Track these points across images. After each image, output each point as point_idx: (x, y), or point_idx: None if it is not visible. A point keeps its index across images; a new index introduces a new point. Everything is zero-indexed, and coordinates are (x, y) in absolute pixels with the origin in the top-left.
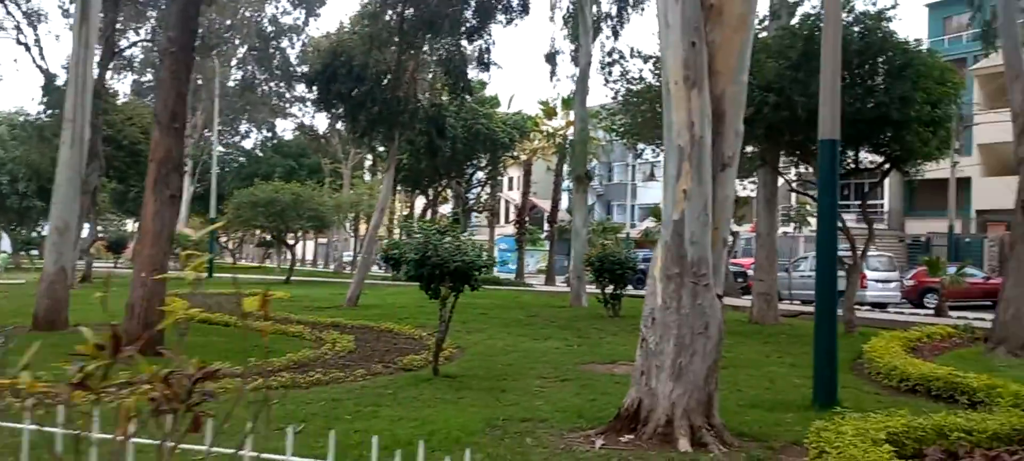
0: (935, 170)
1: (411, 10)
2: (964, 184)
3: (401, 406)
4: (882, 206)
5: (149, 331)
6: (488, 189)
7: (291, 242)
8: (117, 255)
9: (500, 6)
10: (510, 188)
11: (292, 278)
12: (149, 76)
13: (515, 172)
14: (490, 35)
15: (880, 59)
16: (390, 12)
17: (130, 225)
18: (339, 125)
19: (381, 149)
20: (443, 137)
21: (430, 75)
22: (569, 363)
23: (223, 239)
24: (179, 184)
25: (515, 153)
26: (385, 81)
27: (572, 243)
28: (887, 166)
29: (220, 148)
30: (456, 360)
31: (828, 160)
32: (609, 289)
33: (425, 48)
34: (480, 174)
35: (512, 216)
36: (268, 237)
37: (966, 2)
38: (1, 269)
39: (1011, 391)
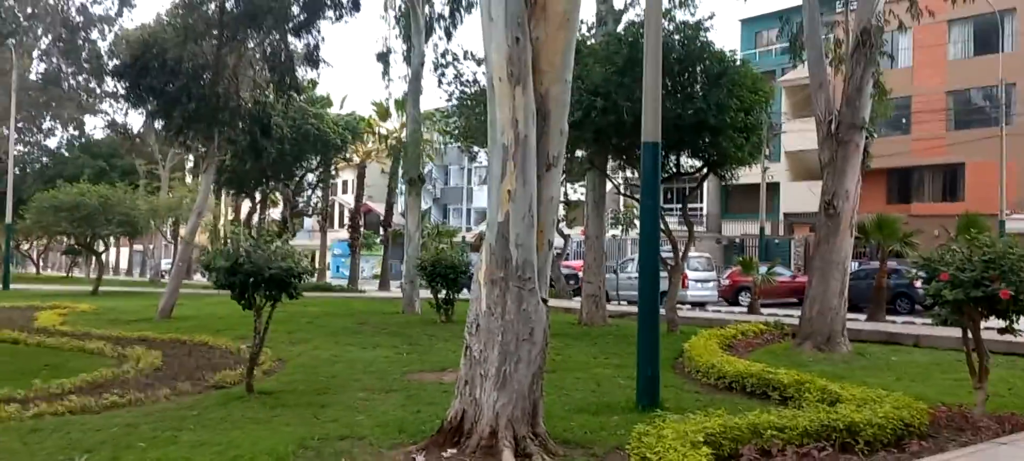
0: (748, 175)
1: (231, 2)
2: (774, 189)
3: (205, 429)
4: (701, 209)
5: None
6: (319, 193)
7: (100, 250)
8: None
9: (329, 2)
10: (344, 191)
11: (101, 288)
12: None
13: (349, 175)
14: (319, 31)
15: (699, 67)
16: (208, 3)
17: None
18: (156, 123)
19: (204, 150)
20: (268, 137)
21: (254, 71)
22: (397, 372)
23: (26, 247)
24: None
25: (348, 155)
26: (204, 77)
27: (405, 247)
28: (705, 170)
29: (20, 147)
30: (275, 374)
31: (650, 162)
32: (442, 294)
33: (249, 43)
34: (311, 177)
35: (347, 220)
36: (76, 244)
37: (776, 17)
38: None
39: (818, 386)
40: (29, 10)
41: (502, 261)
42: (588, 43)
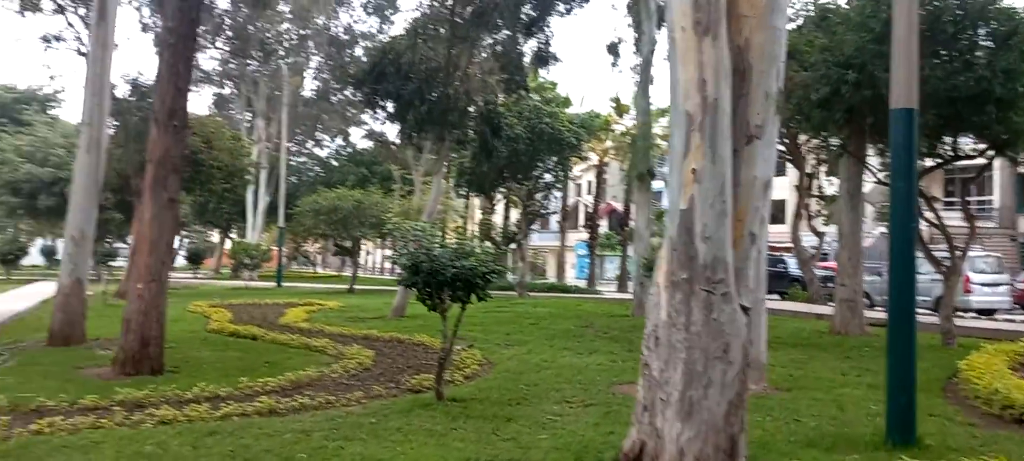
0: None
1: (462, 4)
2: None
3: (376, 440)
4: (992, 201)
5: (146, 348)
6: (557, 192)
7: (356, 250)
8: (196, 266)
9: None
10: (589, 192)
11: (357, 287)
12: (228, 89)
13: (592, 175)
14: (549, 27)
15: (980, 28)
16: (438, 4)
17: (215, 236)
18: (388, 126)
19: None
20: (499, 137)
21: (483, 71)
22: (605, 383)
23: (304, 248)
24: (178, 186)
25: (585, 154)
26: (435, 79)
27: (634, 246)
28: (991, 153)
29: (300, 158)
30: (477, 380)
31: (903, 134)
32: None
33: (479, 43)
34: (548, 177)
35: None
36: (336, 245)
37: None
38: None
39: None
40: (302, 32)
41: (686, 259)
42: (840, 6)
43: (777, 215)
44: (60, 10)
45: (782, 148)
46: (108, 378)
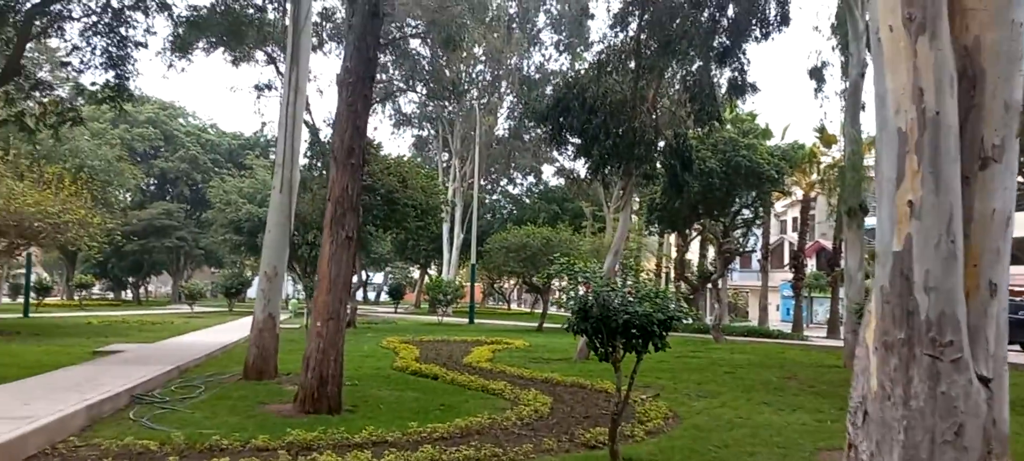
0: None
1: (648, 33)
2: None
3: None
4: None
5: (324, 387)
6: (757, 229)
7: (546, 287)
8: (397, 301)
9: (754, 21)
10: (793, 229)
11: (545, 325)
12: (427, 131)
13: (797, 211)
14: (744, 55)
15: None
16: (623, 35)
17: (415, 272)
18: (578, 163)
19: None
20: (689, 171)
21: (672, 102)
22: (809, 447)
23: (498, 284)
24: (355, 224)
25: (788, 188)
26: (621, 112)
27: (845, 289)
28: None
29: (494, 196)
30: (661, 435)
31: None
32: None
33: (667, 73)
34: (746, 212)
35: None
36: (525, 282)
37: None
38: (292, 314)
39: None
40: (495, 72)
41: (902, 314)
42: None
43: (1019, 255)
44: (271, 61)
45: None
46: (288, 415)
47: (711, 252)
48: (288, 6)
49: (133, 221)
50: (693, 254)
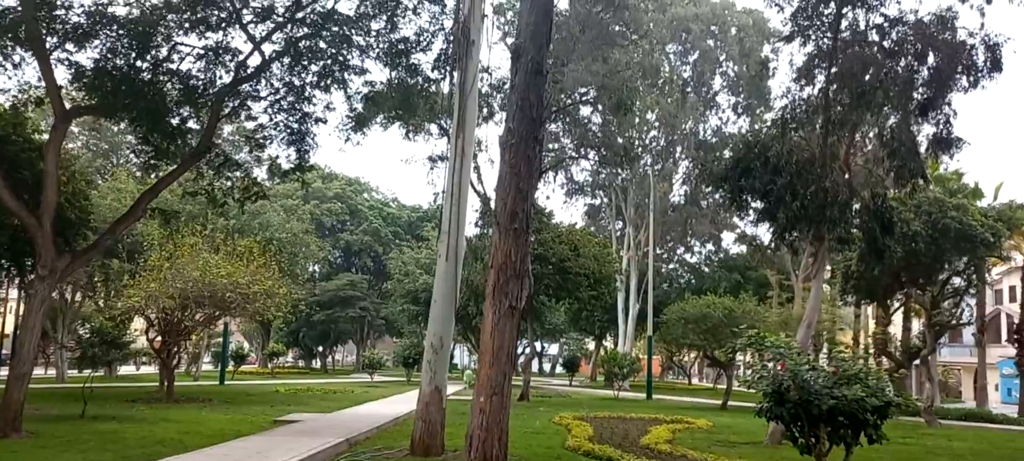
0: None
1: (837, 85)
2: None
3: None
4: None
5: None
6: (971, 299)
7: (730, 362)
8: (572, 373)
9: (959, 69)
10: (1011, 300)
11: (729, 403)
12: (599, 199)
13: (1015, 279)
14: (949, 106)
15: None
16: (809, 89)
17: (590, 344)
18: (761, 228)
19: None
20: (890, 234)
21: (868, 160)
22: None
23: (677, 357)
24: (520, 293)
25: (1006, 254)
26: (809, 171)
27: None
28: None
29: (670, 265)
30: None
31: None
32: None
33: (860, 128)
34: (957, 280)
35: (1014, 333)
36: (705, 356)
37: None
38: (466, 385)
39: None
40: (669, 137)
41: None
42: None
43: None
44: (443, 132)
45: None
46: None
47: (916, 325)
48: (454, 73)
49: (320, 292)
50: (895, 327)
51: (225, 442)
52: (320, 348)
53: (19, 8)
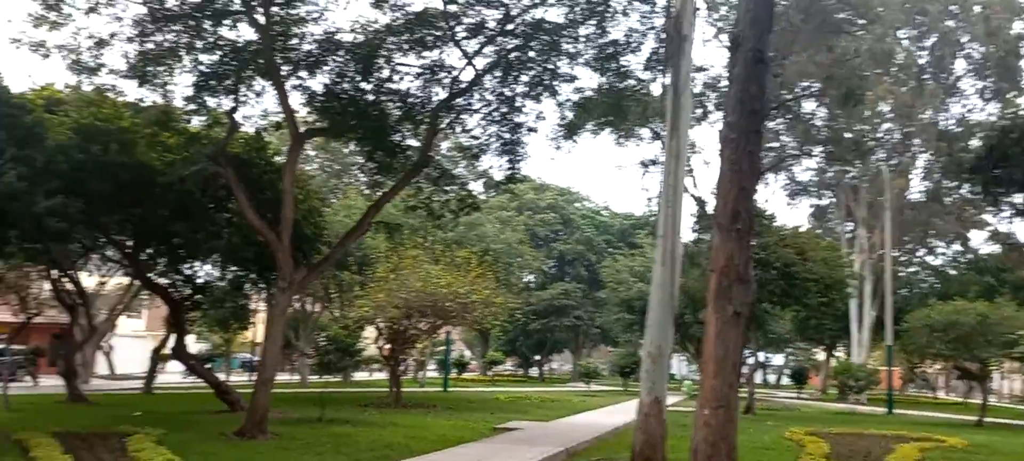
0: None
1: None
2: None
3: None
4: None
5: None
6: None
7: (985, 374)
8: (800, 385)
9: None
10: None
11: (985, 419)
12: (826, 199)
13: None
14: None
15: None
16: None
17: (820, 354)
18: (1019, 224)
19: None
20: None
21: None
22: None
23: (920, 369)
24: (744, 298)
25: None
26: None
27: None
28: None
29: (910, 268)
30: None
31: None
32: None
33: None
34: None
35: None
36: (956, 368)
37: None
38: (685, 396)
39: None
40: (905, 129)
41: None
42: None
43: None
44: (656, 137)
45: None
46: None
47: None
48: (667, 73)
49: (535, 301)
50: None
51: (448, 448)
52: (537, 356)
53: (259, 41)
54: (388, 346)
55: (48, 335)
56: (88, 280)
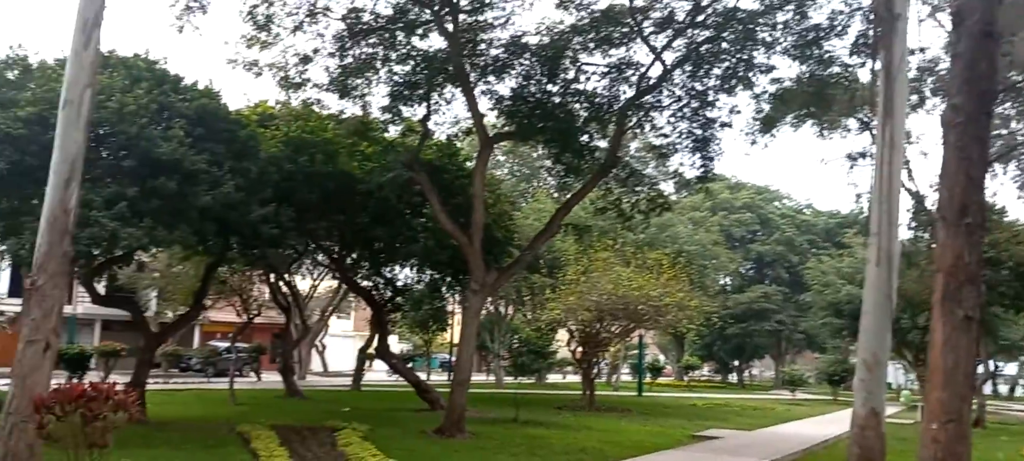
0: None
1: None
2: None
3: None
4: None
5: None
6: None
7: None
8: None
9: None
10: None
11: None
12: None
13: None
14: None
15: None
16: None
17: None
18: None
19: None
20: None
21: None
22: None
23: None
24: (976, 301)
25: None
26: None
27: None
28: None
29: None
30: None
31: None
32: None
33: None
34: None
35: None
36: None
37: None
38: (903, 408)
39: None
40: None
41: None
42: None
43: None
44: (864, 126)
45: None
46: None
47: None
48: (878, 57)
49: (732, 305)
50: None
51: (644, 455)
52: (735, 362)
53: (449, 49)
54: (580, 349)
55: (269, 334)
56: (301, 283)
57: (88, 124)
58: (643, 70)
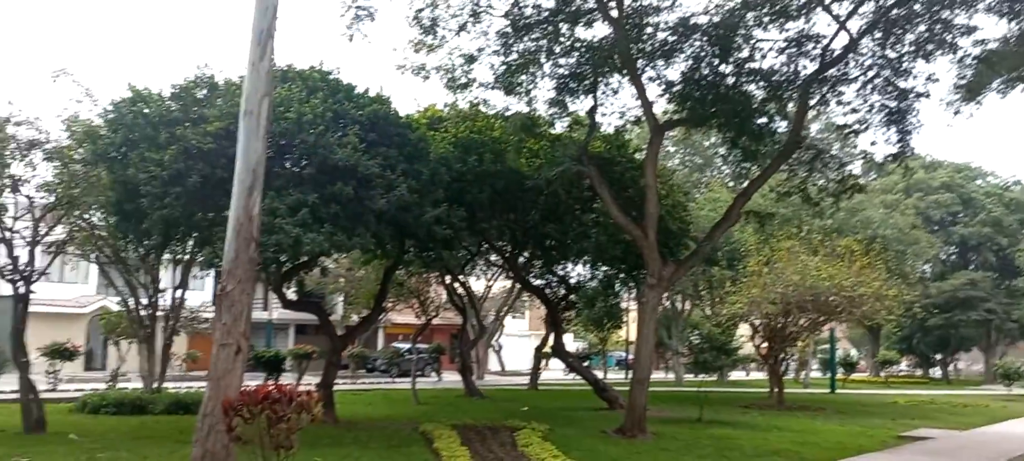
0: None
1: None
2: None
3: None
4: None
5: None
6: None
7: None
8: None
9: None
10: None
11: None
12: None
13: None
14: None
15: None
16: None
17: None
18: None
19: None
20: None
21: None
22: None
23: None
24: None
25: None
26: None
27: None
28: None
29: None
30: None
31: None
32: None
33: None
34: None
35: None
36: None
37: None
38: None
39: None
40: None
41: None
42: None
43: None
44: None
45: None
46: None
47: None
48: None
49: (934, 293)
50: None
51: (847, 458)
52: (938, 355)
53: (614, 36)
54: (766, 344)
55: (447, 335)
56: (476, 284)
57: (268, 133)
58: (826, 42)
